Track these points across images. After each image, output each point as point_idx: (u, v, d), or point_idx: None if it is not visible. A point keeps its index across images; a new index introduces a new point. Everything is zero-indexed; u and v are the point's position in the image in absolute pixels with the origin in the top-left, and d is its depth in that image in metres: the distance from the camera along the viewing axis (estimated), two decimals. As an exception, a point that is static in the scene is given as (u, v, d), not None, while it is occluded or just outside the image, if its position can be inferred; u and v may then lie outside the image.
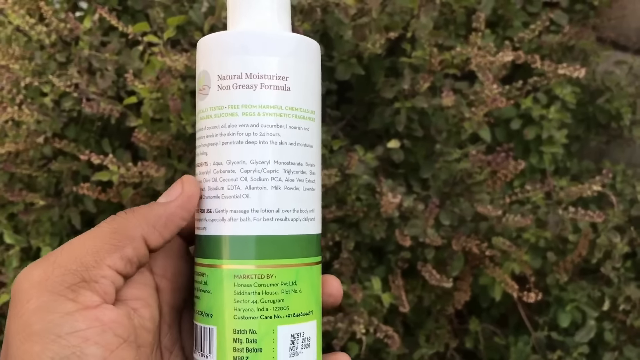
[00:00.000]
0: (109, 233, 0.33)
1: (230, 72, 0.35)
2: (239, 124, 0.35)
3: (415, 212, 0.84)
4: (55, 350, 0.30)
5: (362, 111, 1.00)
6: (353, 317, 0.80)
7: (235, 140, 0.35)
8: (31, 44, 0.92)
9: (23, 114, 0.88)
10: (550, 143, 1.07)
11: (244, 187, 0.35)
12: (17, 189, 0.95)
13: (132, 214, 0.34)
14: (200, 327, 0.36)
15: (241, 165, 0.35)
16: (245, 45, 0.36)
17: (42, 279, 0.31)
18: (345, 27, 0.83)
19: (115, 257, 0.33)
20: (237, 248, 0.35)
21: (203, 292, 0.36)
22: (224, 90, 0.35)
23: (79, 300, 0.31)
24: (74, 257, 0.32)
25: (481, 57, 0.83)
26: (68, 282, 0.31)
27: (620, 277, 1.05)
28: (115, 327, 0.32)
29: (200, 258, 0.36)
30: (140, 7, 0.93)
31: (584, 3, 1.18)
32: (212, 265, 0.35)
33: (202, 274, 0.36)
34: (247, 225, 0.35)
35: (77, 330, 0.30)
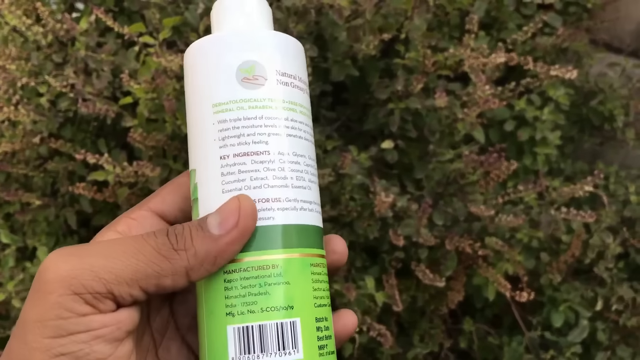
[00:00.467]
0: (155, 258, 0.32)
1: (289, 71, 0.37)
2: (299, 120, 0.37)
3: (408, 212, 0.85)
4: (64, 345, 0.30)
5: (357, 112, 1.00)
6: (346, 316, 0.80)
7: (297, 135, 0.37)
8: (28, 44, 0.93)
9: (19, 114, 0.88)
10: (543, 144, 1.08)
11: (307, 180, 0.36)
12: (14, 189, 0.95)
13: (183, 244, 0.32)
14: (277, 324, 0.34)
15: (304, 159, 0.36)
16: (300, 52, 0.39)
17: (69, 276, 0.31)
18: (339, 28, 0.83)
19: (151, 283, 0.32)
20: (310, 237, 0.35)
21: (276, 285, 0.34)
22: (284, 85, 0.37)
23: (98, 306, 0.31)
24: (110, 267, 0.31)
25: (474, 59, 0.83)
26: (94, 288, 0.31)
27: (613, 278, 1.05)
28: (128, 323, 0.32)
29: (269, 250, 0.34)
30: (137, 8, 0.93)
31: (578, 5, 1.19)
32: (289, 255, 0.34)
33: (274, 265, 0.34)
34: (312, 215, 0.36)
35: (91, 329, 0.31)
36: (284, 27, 0.82)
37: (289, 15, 0.82)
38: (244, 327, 0.33)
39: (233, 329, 0.34)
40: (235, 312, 0.34)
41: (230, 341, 0.33)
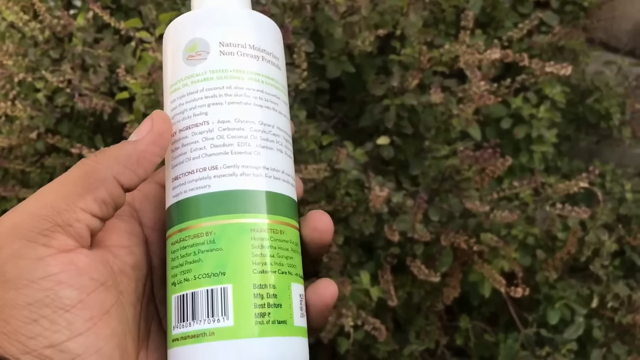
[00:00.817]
0: (80, 177, 0.32)
1: (234, 40, 0.37)
2: (246, 87, 0.36)
3: (404, 207, 0.85)
4: (29, 295, 0.30)
5: (353, 109, 1.01)
6: (341, 311, 0.81)
7: (243, 102, 0.36)
8: (25, 40, 0.93)
9: (16, 109, 0.89)
10: (540, 142, 1.08)
11: (254, 145, 0.36)
12: (11, 185, 0.96)
13: (101, 155, 0.33)
14: (206, 290, 0.33)
15: (250, 125, 0.36)
16: (258, 21, 0.39)
17: (13, 226, 0.31)
18: (335, 24, 0.84)
19: (88, 200, 0.32)
20: (252, 202, 0.35)
21: (208, 252, 0.34)
22: (228, 55, 0.37)
23: (52, 244, 0.31)
24: (45, 203, 0.31)
25: (469, 55, 0.84)
26: (40, 227, 0.31)
27: (609, 275, 1.05)
28: (90, 271, 0.31)
29: (203, 218, 0.34)
30: (134, 4, 0.94)
31: (574, 4, 1.19)
32: (224, 221, 0.34)
33: (206, 233, 0.34)
34: (259, 180, 0.35)
35: (50, 274, 0.30)
36: (279, 23, 0.83)
37: (284, 11, 0.82)
38: (180, 296, 0.34)
39: (175, 297, 0.34)
40: (176, 281, 0.34)
41: (173, 310, 0.34)
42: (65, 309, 0.30)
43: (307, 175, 0.79)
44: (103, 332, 0.31)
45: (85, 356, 0.30)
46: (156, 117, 0.35)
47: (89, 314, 0.31)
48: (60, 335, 0.30)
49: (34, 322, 0.30)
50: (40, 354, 0.29)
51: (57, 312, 0.30)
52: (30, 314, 0.30)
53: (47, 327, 0.30)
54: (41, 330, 0.30)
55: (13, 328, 0.29)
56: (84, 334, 0.30)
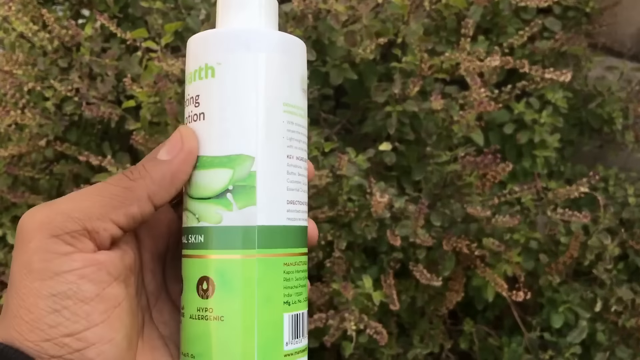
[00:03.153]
0: (117, 190, 0.34)
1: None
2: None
3: (406, 212, 0.86)
4: (53, 286, 0.32)
5: (357, 116, 1.02)
6: (344, 315, 0.82)
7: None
8: (34, 50, 0.95)
9: (26, 117, 0.90)
10: (542, 147, 1.09)
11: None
12: (20, 192, 0.97)
13: (138, 173, 0.35)
14: (305, 313, 0.38)
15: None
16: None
17: (44, 222, 0.33)
18: (336, 33, 0.85)
19: (120, 213, 0.34)
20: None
21: (305, 279, 0.39)
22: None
23: (77, 245, 0.33)
24: (79, 207, 0.33)
25: (469, 62, 0.85)
26: (69, 228, 0.33)
27: (612, 279, 1.06)
28: (109, 266, 0.34)
29: (304, 247, 0.39)
30: (140, 14, 0.95)
31: (577, 10, 1.20)
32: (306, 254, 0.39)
33: (305, 262, 0.38)
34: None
35: (74, 269, 0.32)
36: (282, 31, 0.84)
37: (287, 20, 0.84)
38: (295, 315, 0.37)
39: (289, 316, 0.37)
40: (291, 301, 0.37)
41: (286, 327, 0.36)
42: (85, 302, 0.33)
43: (310, 182, 0.80)
44: (115, 324, 0.34)
45: (99, 345, 0.33)
46: (185, 135, 0.36)
47: (105, 307, 0.33)
48: (79, 325, 0.32)
49: (56, 312, 0.32)
50: (60, 342, 0.32)
51: (77, 304, 0.32)
52: (53, 304, 0.32)
53: (68, 317, 0.32)
54: (62, 320, 0.32)
55: (35, 316, 0.32)
56: (99, 324, 0.33)
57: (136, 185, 0.35)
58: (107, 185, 0.35)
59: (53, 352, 0.32)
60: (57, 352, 0.32)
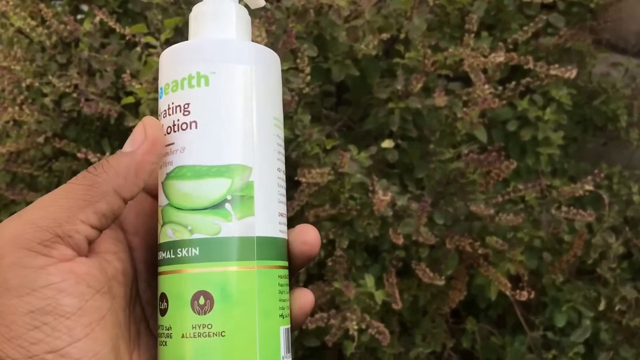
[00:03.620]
0: (82, 189, 0.33)
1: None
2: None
3: (408, 211, 0.85)
4: (31, 302, 0.31)
5: (359, 112, 1.01)
6: (346, 314, 0.81)
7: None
8: (32, 45, 0.94)
9: (24, 114, 0.90)
10: (546, 144, 1.08)
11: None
12: (19, 189, 0.96)
13: (101, 169, 0.34)
14: (289, 328, 0.37)
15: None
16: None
17: (14, 236, 0.32)
18: (338, 28, 0.84)
19: (89, 212, 0.33)
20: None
21: (287, 293, 0.37)
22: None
23: (53, 254, 0.32)
24: (46, 214, 0.33)
25: (473, 58, 0.84)
26: (40, 238, 0.32)
27: (616, 278, 1.05)
28: (89, 278, 0.33)
29: (285, 260, 0.37)
30: (139, 9, 0.94)
31: (581, 6, 1.18)
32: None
33: (286, 275, 0.37)
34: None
35: (52, 283, 0.32)
36: (283, 27, 0.83)
37: (288, 15, 0.83)
38: (287, 329, 0.36)
39: (283, 329, 0.36)
40: (285, 314, 0.36)
41: (282, 341, 0.36)
42: (65, 316, 0.31)
43: (311, 179, 0.79)
44: (100, 337, 0.32)
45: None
46: (148, 125, 0.35)
47: (88, 320, 0.32)
48: (61, 341, 0.31)
49: (36, 328, 0.31)
50: (42, 359, 0.31)
51: (58, 319, 0.31)
52: (32, 320, 0.31)
53: (49, 333, 0.31)
54: (43, 337, 0.31)
55: (15, 334, 0.31)
56: (82, 339, 0.32)
57: (100, 180, 0.34)
58: (71, 186, 0.34)
59: None
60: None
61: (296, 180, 0.81)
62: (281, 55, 0.81)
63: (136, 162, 0.34)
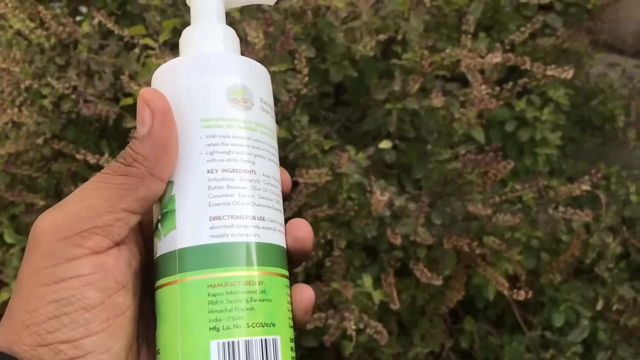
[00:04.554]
0: (119, 179, 0.33)
1: (268, 100, 0.39)
2: (275, 147, 0.38)
3: (406, 211, 0.86)
4: (57, 292, 0.32)
5: (356, 113, 1.01)
6: (344, 314, 0.81)
7: (274, 161, 0.38)
8: (31, 47, 0.94)
9: (23, 115, 0.90)
10: (544, 144, 1.08)
11: (280, 204, 0.38)
12: (18, 190, 0.97)
13: (129, 157, 0.34)
14: (262, 340, 0.34)
15: (278, 184, 0.38)
16: (269, 78, 0.40)
17: (52, 226, 0.33)
18: (336, 30, 0.84)
19: (130, 200, 0.33)
20: (283, 258, 0.37)
21: (260, 302, 0.34)
22: (264, 112, 0.38)
23: (87, 245, 0.32)
24: (87, 204, 0.33)
25: (470, 59, 0.84)
26: (79, 228, 0.32)
27: (614, 278, 1.05)
28: (117, 273, 0.33)
29: (255, 266, 0.35)
30: (138, 11, 0.95)
31: (578, 7, 1.19)
32: (272, 273, 0.36)
33: (259, 282, 0.35)
34: (284, 238, 0.38)
35: (81, 275, 0.32)
36: (281, 29, 0.83)
37: (286, 17, 0.83)
38: (229, 342, 0.33)
39: (218, 343, 0.33)
40: (220, 326, 0.34)
41: (214, 356, 0.33)
42: (86, 309, 0.32)
43: (309, 180, 0.79)
44: (116, 333, 0.33)
45: (96, 354, 0.32)
46: (149, 98, 0.35)
47: (106, 316, 0.33)
48: (77, 333, 0.32)
49: (55, 317, 0.32)
50: (55, 348, 0.31)
51: (78, 311, 0.32)
52: (54, 310, 0.32)
53: (67, 323, 0.32)
54: (60, 326, 0.32)
55: (35, 321, 0.32)
56: (98, 333, 0.32)
57: (135, 168, 0.34)
58: (107, 176, 0.34)
59: (47, 358, 0.31)
60: (52, 358, 0.31)
61: (294, 181, 0.81)
62: (279, 56, 0.81)
63: (158, 141, 0.34)
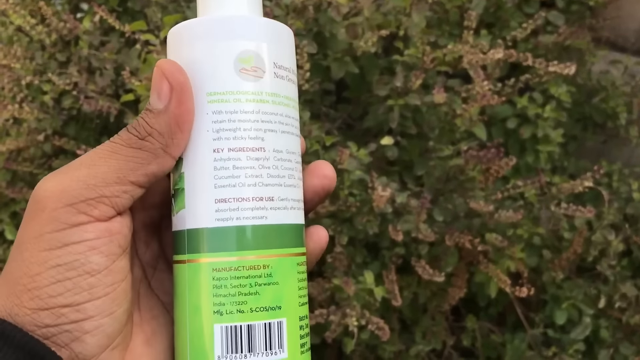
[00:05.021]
0: (131, 151, 0.33)
1: (285, 63, 0.36)
2: (292, 116, 0.36)
3: (408, 207, 0.85)
4: (61, 257, 0.31)
5: (358, 109, 1.01)
6: (345, 310, 0.81)
7: (290, 131, 0.36)
8: (32, 44, 0.94)
9: (24, 112, 0.90)
10: (546, 142, 1.08)
11: (297, 178, 0.36)
12: (19, 187, 0.97)
13: (144, 130, 0.33)
14: (265, 324, 0.34)
15: (295, 157, 0.36)
16: (292, 41, 0.37)
17: (60, 190, 0.32)
18: (338, 25, 0.84)
19: (139, 174, 0.33)
20: (298, 236, 0.36)
21: (265, 285, 0.34)
22: (280, 79, 0.35)
23: (93, 213, 0.32)
24: (95, 172, 0.32)
25: (472, 55, 0.84)
26: (85, 196, 0.32)
27: (616, 275, 1.05)
28: (120, 237, 0.33)
29: (261, 250, 0.34)
30: (139, 7, 0.95)
31: (580, 4, 1.19)
32: (280, 255, 0.34)
33: (264, 266, 0.34)
34: (299, 214, 0.36)
35: (85, 239, 0.32)
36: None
37: (287, 13, 0.83)
38: (232, 327, 0.33)
39: (221, 327, 0.33)
40: (224, 310, 0.33)
41: (217, 340, 0.33)
42: (91, 274, 0.32)
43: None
44: (119, 297, 0.33)
45: (98, 318, 0.32)
46: (168, 71, 0.33)
47: (112, 280, 0.32)
48: (80, 297, 0.32)
49: (58, 282, 0.31)
50: (57, 312, 0.31)
51: (82, 275, 0.32)
52: (56, 274, 0.31)
53: (70, 288, 0.31)
54: (63, 291, 0.31)
55: (37, 285, 0.31)
56: (102, 297, 0.32)
57: (149, 144, 0.33)
58: (119, 146, 0.33)
59: (48, 321, 0.31)
60: (53, 321, 0.31)
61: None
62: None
63: (175, 118, 0.33)
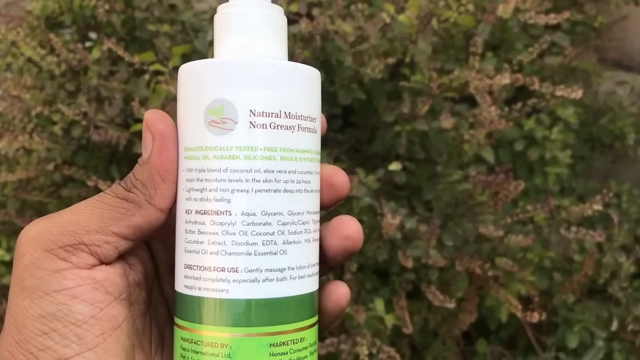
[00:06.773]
0: (117, 202, 0.32)
1: (267, 108, 0.31)
2: (277, 170, 0.31)
3: (417, 233, 0.85)
4: (43, 307, 0.30)
5: (365, 135, 1.01)
6: (356, 339, 0.81)
7: (272, 189, 0.31)
8: (42, 74, 0.95)
9: (33, 142, 0.90)
10: (554, 163, 1.08)
11: (280, 243, 0.32)
12: (28, 216, 0.97)
13: (130, 182, 0.33)
14: None
15: (278, 218, 0.31)
16: (304, 83, 0.33)
17: (39, 236, 0.31)
18: (344, 53, 0.85)
19: (122, 225, 0.32)
20: (273, 313, 0.31)
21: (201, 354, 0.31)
22: (259, 129, 0.31)
23: (71, 260, 0.31)
24: (77, 220, 0.32)
25: (479, 80, 0.84)
26: (63, 242, 0.31)
27: (628, 297, 1.04)
28: (107, 285, 0.32)
29: (219, 326, 0.31)
30: (147, 37, 0.95)
31: (585, 25, 1.19)
32: (241, 335, 0.31)
33: (221, 345, 0.31)
34: (282, 286, 0.31)
35: (65, 288, 0.31)
36: (291, 53, 0.84)
37: (295, 42, 0.83)
38: None
39: None
40: None
41: None
42: (76, 324, 0.31)
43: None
44: (112, 348, 0.31)
45: None
46: (150, 122, 0.33)
47: (100, 330, 0.31)
48: (70, 350, 0.30)
49: (44, 334, 0.30)
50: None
51: (68, 326, 0.31)
52: (41, 326, 0.30)
53: (58, 340, 0.30)
54: (51, 344, 0.30)
55: (24, 338, 0.30)
56: (93, 349, 0.31)
57: (133, 195, 0.33)
58: (105, 197, 0.33)
59: None
60: None
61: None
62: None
63: (155, 167, 0.32)
